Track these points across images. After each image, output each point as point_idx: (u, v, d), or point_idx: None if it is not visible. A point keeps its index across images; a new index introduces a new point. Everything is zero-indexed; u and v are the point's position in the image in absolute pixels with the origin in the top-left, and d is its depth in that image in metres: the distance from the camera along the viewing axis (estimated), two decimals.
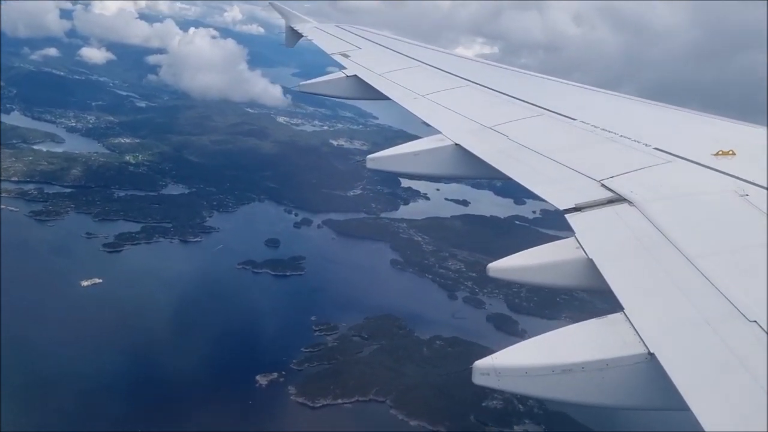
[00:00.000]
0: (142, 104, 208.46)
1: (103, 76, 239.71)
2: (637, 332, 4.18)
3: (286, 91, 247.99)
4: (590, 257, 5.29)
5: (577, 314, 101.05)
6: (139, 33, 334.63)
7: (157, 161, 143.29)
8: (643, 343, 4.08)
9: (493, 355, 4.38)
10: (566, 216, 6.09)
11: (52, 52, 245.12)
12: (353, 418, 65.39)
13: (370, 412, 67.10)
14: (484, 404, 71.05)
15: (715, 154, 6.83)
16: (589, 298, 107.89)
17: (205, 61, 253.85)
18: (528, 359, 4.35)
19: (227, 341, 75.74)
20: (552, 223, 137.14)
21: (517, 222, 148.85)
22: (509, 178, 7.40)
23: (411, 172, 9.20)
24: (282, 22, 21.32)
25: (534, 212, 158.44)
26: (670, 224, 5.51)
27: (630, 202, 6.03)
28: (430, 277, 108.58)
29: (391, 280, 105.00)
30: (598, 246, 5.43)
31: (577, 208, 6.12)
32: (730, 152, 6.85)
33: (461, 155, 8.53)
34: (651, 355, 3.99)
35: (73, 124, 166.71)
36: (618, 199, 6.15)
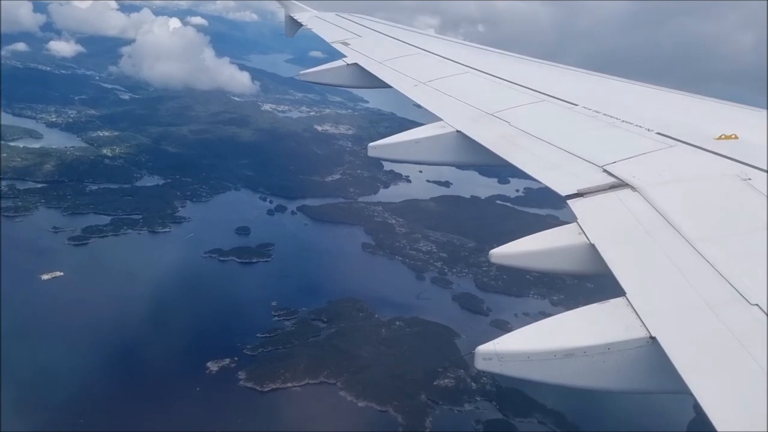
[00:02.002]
0: (126, 97, 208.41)
1: (90, 70, 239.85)
2: (638, 316, 4.23)
3: (254, 77, 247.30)
4: (592, 242, 5.38)
5: (545, 291, 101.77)
6: (114, 24, 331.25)
7: (133, 153, 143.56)
8: (645, 327, 4.13)
9: (496, 340, 4.46)
10: (568, 202, 6.15)
11: (21, 46, 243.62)
12: (300, 401, 65.94)
13: (319, 395, 67.66)
14: (435, 383, 71.49)
15: (717, 138, 6.89)
16: (559, 276, 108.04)
17: (165, 51, 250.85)
18: (530, 344, 4.42)
19: (183, 330, 76.32)
20: (534, 202, 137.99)
21: (498, 201, 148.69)
22: (511, 165, 7.49)
23: (412, 160, 9.29)
24: (276, 9, 21.44)
25: (517, 191, 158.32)
26: (673, 209, 5.57)
27: (632, 187, 6.13)
28: (400, 259, 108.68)
29: (360, 264, 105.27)
30: (600, 231, 5.52)
31: (579, 194, 6.23)
32: (733, 136, 6.89)
33: (463, 142, 8.61)
34: (653, 339, 4.04)
35: (54, 119, 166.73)
36: (620, 184, 6.25)
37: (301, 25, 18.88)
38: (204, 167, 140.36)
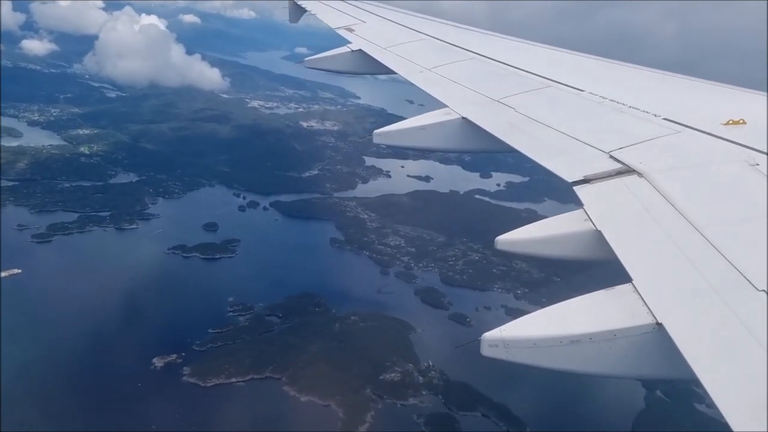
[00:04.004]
0: (113, 95, 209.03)
1: (79, 69, 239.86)
2: (645, 303, 4.28)
3: (244, 74, 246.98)
4: (598, 229, 5.44)
5: (510, 285, 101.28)
6: (95, 22, 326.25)
7: (111, 151, 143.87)
8: (651, 313, 4.18)
9: (502, 327, 4.53)
10: (575, 188, 6.21)
11: None
12: (241, 396, 66.02)
13: (262, 390, 67.63)
14: (381, 377, 71.46)
15: (725, 124, 6.88)
16: (527, 268, 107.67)
17: (128, 48, 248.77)
18: (536, 330, 4.49)
19: (134, 327, 76.39)
20: (514, 196, 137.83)
21: (477, 196, 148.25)
22: (516, 151, 7.55)
23: (418, 146, 9.35)
24: (272, 7, 21.07)
25: (498, 185, 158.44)
26: (679, 195, 5.64)
27: (639, 173, 6.15)
28: (367, 254, 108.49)
29: (326, 259, 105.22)
30: (606, 218, 5.61)
31: (585, 180, 6.28)
32: (741, 121, 6.87)
33: (468, 129, 8.66)
34: (659, 325, 4.08)
35: (36, 118, 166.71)
36: (627, 170, 6.28)
37: (305, 10, 18.77)
38: (180, 164, 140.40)
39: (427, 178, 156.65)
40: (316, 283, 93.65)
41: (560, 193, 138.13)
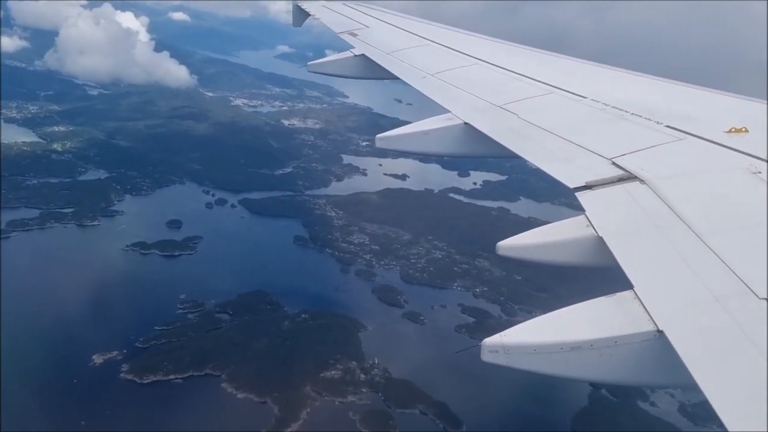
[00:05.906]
0: (95, 92, 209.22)
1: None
2: (646, 310, 4.27)
3: (231, 73, 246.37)
4: (600, 235, 5.43)
5: (470, 284, 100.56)
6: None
7: (83, 148, 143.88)
8: (653, 320, 4.17)
9: (502, 333, 4.51)
10: (577, 194, 6.20)
11: None
12: (177, 393, 65.92)
13: (199, 386, 67.44)
14: (322, 374, 71.38)
15: (727, 132, 6.88)
16: (488, 266, 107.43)
17: (90, 45, 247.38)
18: (537, 336, 4.49)
19: (80, 323, 76.42)
20: (489, 195, 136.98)
21: (451, 194, 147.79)
22: (519, 157, 7.64)
23: (420, 151, 9.51)
24: (269, 4, 21.03)
25: (474, 184, 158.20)
26: (681, 202, 5.60)
27: (641, 180, 6.15)
28: (329, 251, 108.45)
29: (287, 257, 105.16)
30: (608, 224, 5.57)
31: (587, 186, 6.27)
32: (743, 129, 6.87)
33: (471, 134, 8.72)
34: (660, 332, 4.08)
35: (14, 115, 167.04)
36: (629, 177, 6.29)
37: (309, 14, 18.82)
38: (152, 161, 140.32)
39: (403, 177, 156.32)
40: (272, 280, 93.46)
41: (536, 192, 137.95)
